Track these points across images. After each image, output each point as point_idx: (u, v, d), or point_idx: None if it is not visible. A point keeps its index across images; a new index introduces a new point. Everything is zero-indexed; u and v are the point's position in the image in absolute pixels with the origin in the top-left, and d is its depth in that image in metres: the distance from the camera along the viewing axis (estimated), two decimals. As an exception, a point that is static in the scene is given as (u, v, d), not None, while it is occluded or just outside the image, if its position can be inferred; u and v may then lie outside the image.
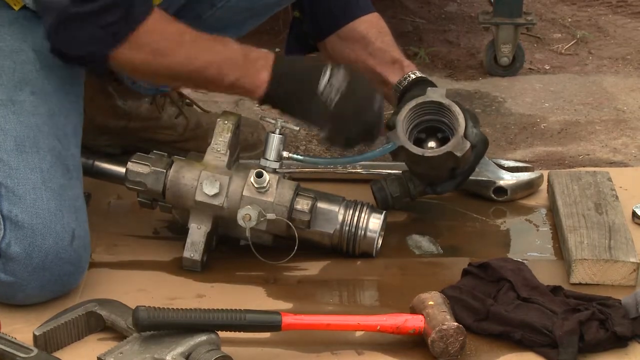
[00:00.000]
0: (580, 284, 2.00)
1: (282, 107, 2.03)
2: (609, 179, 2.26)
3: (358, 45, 2.22)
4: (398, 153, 2.09)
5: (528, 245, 2.16)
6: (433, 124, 2.11)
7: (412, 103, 2.09)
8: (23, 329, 1.85)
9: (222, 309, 1.78)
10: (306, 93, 1.99)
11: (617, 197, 2.19)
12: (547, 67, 3.05)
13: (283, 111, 2.03)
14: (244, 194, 2.02)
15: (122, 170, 2.09)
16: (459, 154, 2.05)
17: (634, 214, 2.20)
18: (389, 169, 2.36)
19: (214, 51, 1.98)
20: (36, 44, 2.01)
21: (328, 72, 1.98)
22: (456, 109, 2.08)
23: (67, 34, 1.92)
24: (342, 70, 1.99)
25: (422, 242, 2.17)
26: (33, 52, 2.00)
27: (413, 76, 2.18)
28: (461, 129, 2.06)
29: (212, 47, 1.98)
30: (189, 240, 2.04)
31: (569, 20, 3.32)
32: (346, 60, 2.18)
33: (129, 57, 1.94)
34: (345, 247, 2.09)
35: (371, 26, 2.24)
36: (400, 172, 2.22)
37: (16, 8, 2.02)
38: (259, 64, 1.98)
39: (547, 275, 2.00)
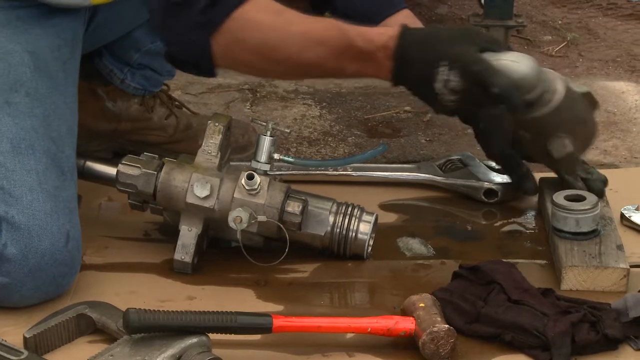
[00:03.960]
0: (571, 290, 2.00)
1: (413, 94, 1.99)
2: (601, 183, 2.26)
3: None
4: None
5: (518, 247, 2.16)
6: None
7: None
8: (13, 332, 1.85)
9: (212, 311, 1.78)
10: (426, 92, 1.93)
11: (607, 203, 2.20)
12: (538, 69, 3.05)
13: None
14: (235, 196, 2.02)
15: (112, 172, 2.09)
16: None
17: (622, 216, 2.20)
18: (380, 172, 2.37)
19: (326, 47, 1.90)
20: (29, 45, 2.01)
21: (444, 72, 1.88)
22: None
23: (169, 26, 1.91)
24: (457, 71, 1.88)
25: (413, 244, 2.17)
26: (27, 54, 2.01)
27: None
28: None
29: (325, 41, 1.90)
30: (179, 242, 2.04)
31: (560, 22, 3.32)
32: None
33: (233, 51, 1.90)
34: (336, 249, 2.09)
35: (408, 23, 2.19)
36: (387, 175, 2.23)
37: None
38: (378, 56, 1.91)
39: (537, 278, 2.00)
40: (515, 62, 1.95)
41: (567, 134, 2.03)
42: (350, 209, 2.09)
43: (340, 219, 2.08)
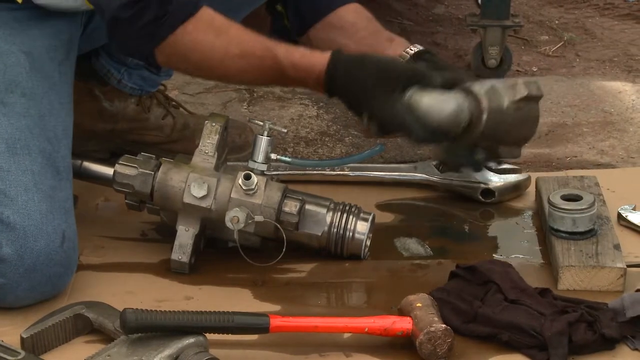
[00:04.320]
0: (567, 290, 2.00)
1: None
2: (597, 184, 2.26)
3: (348, 32, 2.20)
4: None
5: (515, 247, 2.16)
6: None
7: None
8: (10, 332, 1.85)
9: (210, 311, 1.78)
10: (356, 115, 2.01)
11: (604, 202, 2.20)
12: (535, 69, 3.05)
13: None
14: (232, 196, 2.02)
15: (110, 172, 2.09)
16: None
17: (619, 216, 2.20)
18: (377, 171, 2.37)
19: (261, 72, 1.98)
20: (25, 45, 2.02)
21: (365, 118, 1.96)
22: None
23: (117, 34, 1.97)
24: (375, 123, 1.95)
25: (410, 244, 2.17)
26: (23, 54, 2.01)
27: (415, 49, 2.14)
28: None
29: (262, 62, 1.97)
30: (176, 242, 2.04)
31: (556, 22, 3.33)
32: (334, 46, 2.17)
33: (173, 61, 1.99)
34: (334, 249, 2.09)
35: (359, 15, 2.22)
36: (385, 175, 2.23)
37: (20, 0, 2.03)
38: (311, 84, 2.00)
39: (534, 278, 2.00)
40: (435, 105, 1.95)
41: (498, 145, 2.03)
42: (347, 208, 2.09)
43: (338, 218, 2.08)
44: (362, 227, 2.08)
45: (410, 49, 2.13)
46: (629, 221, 2.19)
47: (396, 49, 2.13)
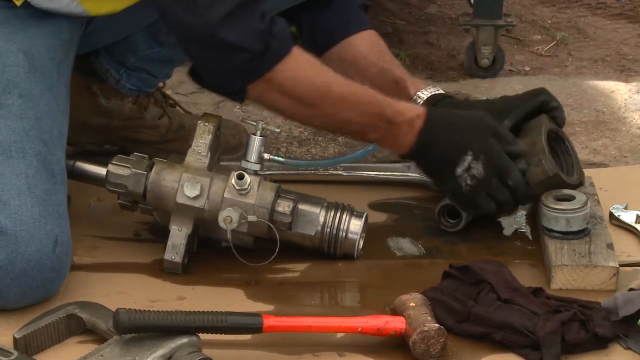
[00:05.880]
0: (560, 289, 2.00)
1: (421, 170, 2.14)
2: (592, 184, 2.26)
3: (358, 67, 2.21)
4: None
5: (509, 247, 2.16)
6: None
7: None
8: (3, 332, 1.84)
9: (203, 311, 1.78)
10: (443, 172, 2.06)
11: (598, 202, 2.20)
12: (527, 69, 3.06)
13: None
14: (225, 196, 2.02)
15: (102, 172, 2.09)
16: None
17: (611, 215, 2.20)
18: (370, 171, 2.37)
19: (359, 111, 2.00)
20: (25, 44, 2.00)
21: (468, 160, 2.03)
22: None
23: (210, 65, 1.98)
24: (481, 162, 2.02)
25: (404, 244, 2.17)
26: (22, 54, 1.99)
27: (429, 92, 2.19)
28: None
29: (358, 105, 2.00)
30: (169, 242, 2.04)
31: (549, 21, 3.33)
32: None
33: (268, 97, 1.98)
34: (327, 249, 2.09)
35: (372, 45, 2.24)
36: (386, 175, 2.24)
37: (18, 3, 2.01)
38: (403, 129, 2.03)
39: (527, 277, 2.01)
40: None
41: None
42: (340, 208, 2.09)
43: (331, 218, 2.08)
44: (355, 227, 2.08)
45: (424, 92, 2.20)
46: (621, 220, 2.19)
47: (400, 93, 2.17)
